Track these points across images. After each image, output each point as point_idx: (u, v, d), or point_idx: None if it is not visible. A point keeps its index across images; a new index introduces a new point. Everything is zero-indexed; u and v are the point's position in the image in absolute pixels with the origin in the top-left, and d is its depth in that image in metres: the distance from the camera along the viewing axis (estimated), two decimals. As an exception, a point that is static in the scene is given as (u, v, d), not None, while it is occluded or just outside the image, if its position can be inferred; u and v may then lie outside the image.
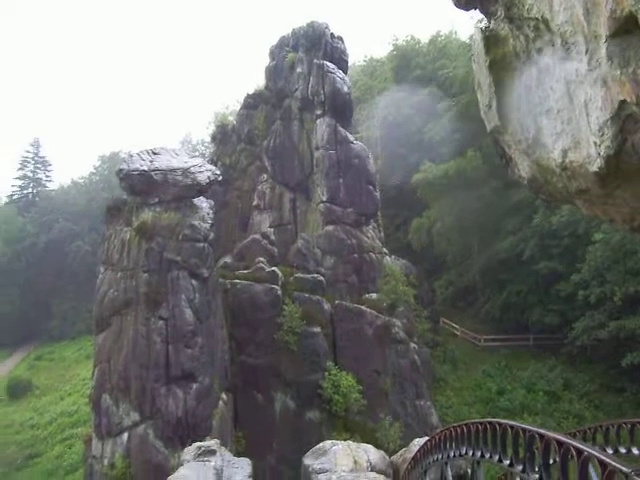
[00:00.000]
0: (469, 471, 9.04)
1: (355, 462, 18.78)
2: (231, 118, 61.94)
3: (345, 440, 24.82)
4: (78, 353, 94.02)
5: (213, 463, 19.35)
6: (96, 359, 36.00)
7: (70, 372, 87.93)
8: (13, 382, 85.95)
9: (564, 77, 5.57)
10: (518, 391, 47.04)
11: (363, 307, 42.81)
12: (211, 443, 21.38)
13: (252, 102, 54.86)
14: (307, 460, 19.49)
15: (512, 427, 6.49)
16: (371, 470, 18.48)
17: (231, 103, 74.50)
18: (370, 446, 21.50)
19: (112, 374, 34.00)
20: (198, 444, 21.10)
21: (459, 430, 8.30)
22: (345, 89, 49.30)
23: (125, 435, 33.01)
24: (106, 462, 33.54)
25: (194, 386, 33.05)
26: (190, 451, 20.86)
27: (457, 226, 55.31)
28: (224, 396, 36.54)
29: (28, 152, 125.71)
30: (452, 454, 8.66)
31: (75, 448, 60.45)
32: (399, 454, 20.72)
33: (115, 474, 32.42)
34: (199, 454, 20.21)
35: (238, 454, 25.40)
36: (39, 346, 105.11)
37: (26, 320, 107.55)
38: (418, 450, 11.36)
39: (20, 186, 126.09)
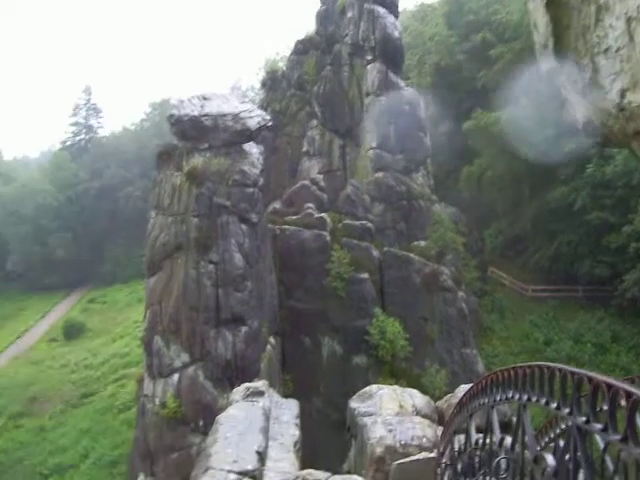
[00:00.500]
0: (513, 419, 9.09)
1: (400, 406, 18.96)
2: (281, 64, 61.51)
3: (387, 385, 25.12)
4: (130, 296, 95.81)
5: (261, 403, 19.66)
6: (148, 302, 36.72)
7: (122, 315, 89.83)
8: (68, 324, 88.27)
9: (625, 14, 5.43)
10: (565, 342, 46.81)
11: (411, 254, 42.73)
12: (259, 384, 21.71)
13: (302, 48, 54.37)
14: (353, 403, 19.74)
15: (560, 370, 6.47)
16: (416, 414, 18.64)
17: (281, 49, 74.17)
18: (416, 391, 21.66)
19: (163, 316, 34.70)
20: (247, 385, 21.44)
21: (506, 374, 8.30)
22: (396, 34, 48.51)
23: (176, 376, 33.80)
24: (157, 401, 34.44)
25: (243, 329, 33.57)
26: (239, 392, 21.20)
27: (508, 175, 54.58)
28: (272, 340, 37.06)
29: (80, 99, 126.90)
30: (498, 398, 8.68)
31: (127, 388, 62.02)
32: (444, 400, 20.85)
33: (166, 413, 33.31)
34: (248, 395, 20.54)
35: (285, 396, 25.79)
36: (92, 289, 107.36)
37: (80, 264, 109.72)
38: (464, 394, 11.39)
39: (73, 132, 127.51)
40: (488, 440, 9.19)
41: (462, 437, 11.19)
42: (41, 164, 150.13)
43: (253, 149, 37.47)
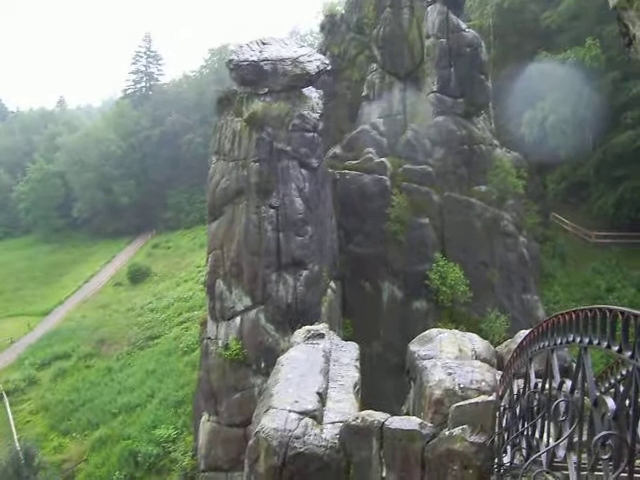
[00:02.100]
0: (574, 364, 9.04)
1: (460, 350, 18.99)
2: (339, 8, 60.61)
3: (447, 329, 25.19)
4: (192, 242, 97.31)
5: (322, 345, 19.91)
6: (209, 246, 37.29)
7: (185, 260, 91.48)
8: (133, 268, 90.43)
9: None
10: (628, 290, 45.98)
11: (472, 199, 42.32)
12: (320, 327, 21.97)
13: (361, -11, 53.47)
14: (413, 346, 19.82)
15: (622, 313, 6.40)
16: (476, 358, 18.66)
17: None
18: (475, 335, 21.64)
19: (225, 261, 35.26)
20: (307, 327, 21.73)
21: (567, 317, 8.23)
22: (458, -26, 47.43)
23: (238, 319, 34.51)
24: (220, 343, 35.28)
25: (304, 273, 33.93)
26: (300, 334, 21.50)
27: (572, 119, 53.14)
28: (332, 284, 37.38)
29: (140, 47, 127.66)
30: (559, 341, 8.62)
31: (191, 331, 63.47)
32: (504, 344, 20.81)
33: (229, 354, 34.15)
34: (308, 337, 20.81)
35: (345, 340, 26.09)
36: (156, 235, 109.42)
37: (143, 210, 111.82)
38: (524, 338, 11.36)
39: (134, 81, 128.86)
40: (547, 384, 9.19)
41: (521, 381, 11.21)
42: (104, 112, 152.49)
43: (313, 93, 37.28)
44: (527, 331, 19.34)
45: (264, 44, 38.14)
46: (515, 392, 11.28)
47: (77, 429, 54.07)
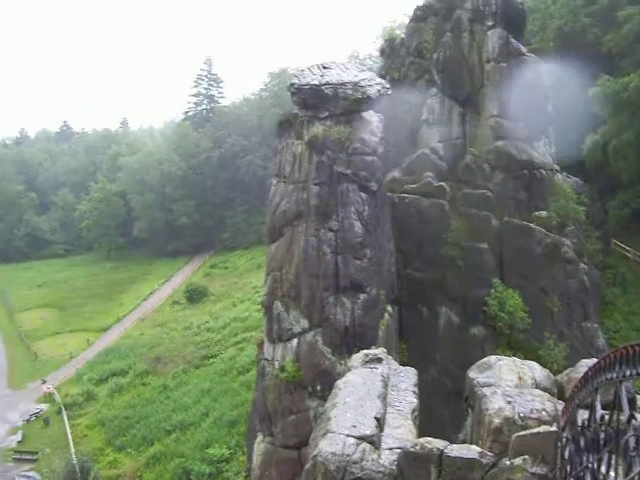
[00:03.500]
0: (638, 396, 8.85)
1: (520, 378, 18.77)
2: (399, 32, 60.76)
3: (506, 357, 24.86)
4: (250, 262, 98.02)
5: (380, 370, 19.85)
6: (268, 267, 37.53)
7: (242, 280, 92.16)
8: (191, 288, 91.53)
9: None
10: (690, 319, 44.90)
11: (532, 224, 41.76)
12: (378, 351, 21.91)
13: (421, 14, 53.37)
14: (472, 373, 19.64)
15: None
16: (535, 387, 18.42)
17: (398, 17, 73.37)
18: (535, 363, 21.35)
19: (283, 282, 35.40)
20: (366, 351, 21.69)
21: (637, 349, 8.10)
22: (518, -1, 47.21)
23: (295, 341, 34.58)
24: (277, 365, 35.37)
25: (362, 297, 33.85)
26: (358, 358, 21.48)
27: (636, 143, 52.22)
28: (390, 308, 37.16)
29: (202, 70, 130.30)
30: (628, 373, 8.47)
31: (246, 351, 63.82)
32: (564, 373, 20.47)
33: (285, 376, 34.17)
34: (366, 361, 20.77)
35: (401, 364, 25.95)
36: (214, 255, 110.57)
37: (201, 231, 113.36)
38: (589, 368, 11.15)
39: (195, 103, 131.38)
40: (615, 416, 9.02)
41: (585, 412, 11.01)
42: (165, 134, 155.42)
43: (373, 117, 37.37)
44: (589, 361, 19.09)
45: (325, 68, 38.42)
46: (579, 423, 11.09)
47: (132, 445, 54.68)
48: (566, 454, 11.75)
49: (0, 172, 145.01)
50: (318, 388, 33.01)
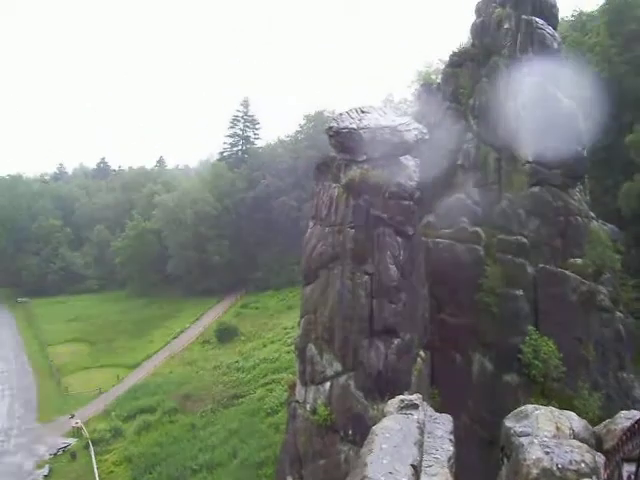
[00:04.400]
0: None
1: (557, 428, 18.48)
2: (434, 77, 61.29)
3: (541, 406, 24.49)
4: (281, 303, 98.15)
5: (416, 417, 19.64)
6: (303, 309, 37.63)
7: (273, 321, 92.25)
8: (222, 327, 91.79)
9: None
10: None
11: (567, 272, 41.42)
12: (414, 397, 21.68)
13: (457, 60, 53.78)
14: (508, 422, 19.37)
15: None
16: (574, 438, 18.14)
17: (433, 61, 74.08)
18: (573, 414, 20.99)
19: (317, 325, 35.46)
20: (401, 397, 21.47)
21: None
22: (555, 45, 47.29)
23: (327, 384, 34.47)
24: (308, 407, 35.27)
25: (395, 341, 33.73)
26: (393, 403, 21.26)
27: (673, 190, 51.94)
28: (422, 353, 36.95)
29: (238, 111, 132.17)
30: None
31: (276, 392, 63.65)
32: (602, 425, 20.13)
33: (317, 419, 34.04)
34: (402, 407, 20.57)
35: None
36: (245, 295, 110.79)
37: (234, 270, 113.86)
38: (636, 421, 11.03)
39: (230, 144, 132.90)
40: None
41: (631, 466, 10.85)
42: (200, 173, 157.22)
43: (410, 162, 37.53)
44: (628, 412, 18.78)
45: (363, 112, 38.75)
46: (625, 477, 10.92)
47: (158, 483, 54.59)
48: (609, 508, 11.55)
49: (38, 206, 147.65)
50: (350, 432, 32.81)
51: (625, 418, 18.03)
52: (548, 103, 45.42)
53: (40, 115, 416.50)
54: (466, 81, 50.53)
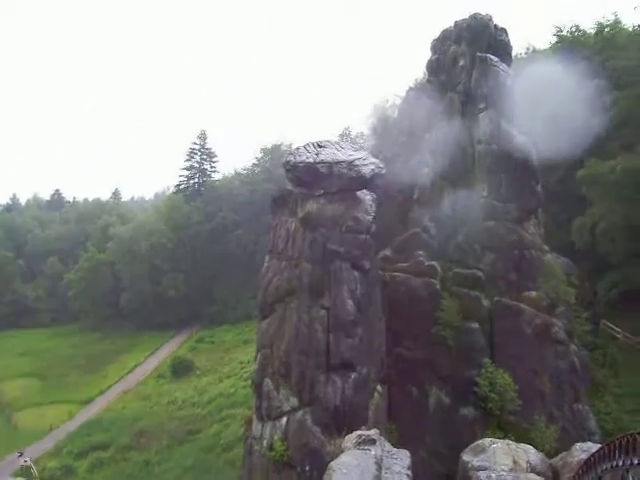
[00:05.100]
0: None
1: (515, 462, 18.59)
2: (390, 111, 61.87)
3: (498, 439, 24.56)
4: (237, 337, 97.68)
5: (373, 452, 19.65)
6: (259, 344, 37.37)
7: (229, 355, 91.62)
8: (177, 361, 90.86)
9: None
10: (684, 401, 44.59)
11: (522, 305, 41.86)
12: (371, 432, 21.74)
13: (413, 95, 54.52)
14: (466, 456, 19.45)
15: None
16: (531, 471, 18.25)
17: (390, 96, 74.68)
18: (530, 447, 21.18)
19: (274, 359, 35.25)
20: (359, 432, 21.50)
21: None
22: (508, 82, 48.29)
23: (284, 419, 34.18)
24: (265, 443, 34.90)
25: (352, 376, 33.57)
26: (351, 439, 21.28)
27: (624, 226, 52.83)
28: (379, 387, 36.88)
29: (195, 144, 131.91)
30: (636, 461, 8.42)
31: (232, 428, 62.97)
32: (559, 457, 20.29)
33: (273, 455, 33.66)
34: (359, 442, 20.58)
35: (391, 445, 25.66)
36: (201, 329, 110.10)
37: (189, 304, 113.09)
38: (592, 455, 11.11)
39: (187, 176, 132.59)
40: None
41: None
42: (156, 205, 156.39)
43: (366, 196, 37.72)
44: (585, 445, 18.93)
45: (320, 146, 38.94)
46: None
47: (111, 525, 53.39)
48: None
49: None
50: (307, 468, 32.46)
51: (581, 450, 18.20)
52: (503, 139, 46.23)
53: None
54: (422, 116, 51.14)
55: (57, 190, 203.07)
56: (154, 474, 60.01)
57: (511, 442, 21.50)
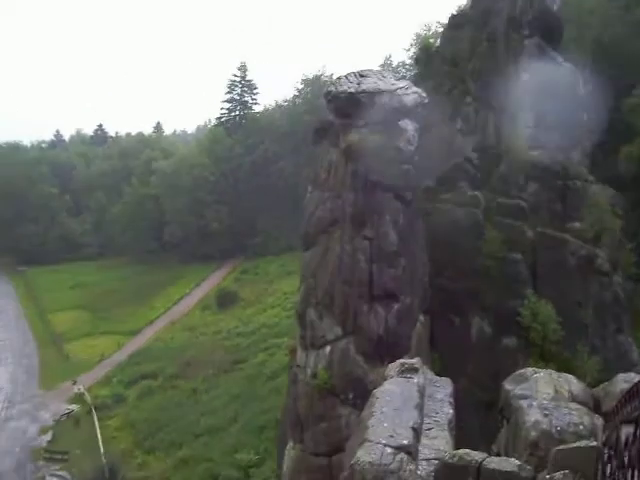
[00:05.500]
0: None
1: (556, 391, 18.56)
2: (432, 40, 60.56)
3: (540, 369, 24.54)
4: (280, 269, 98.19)
5: (416, 380, 19.76)
6: (303, 275, 37.67)
7: (273, 286, 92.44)
8: (221, 293, 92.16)
9: None
10: None
11: (566, 236, 41.39)
12: (414, 361, 21.80)
13: (456, 23, 53.20)
14: (507, 385, 19.47)
15: None
16: (572, 400, 18.24)
17: (432, 25, 73.06)
18: (572, 376, 21.07)
19: (317, 290, 35.44)
20: (402, 361, 21.59)
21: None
22: (554, 8, 46.87)
23: (328, 348, 34.55)
24: (309, 372, 35.38)
25: (395, 305, 33.85)
26: (394, 367, 21.37)
27: (672, 155, 51.62)
28: (422, 317, 37.01)
29: (236, 76, 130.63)
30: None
31: (276, 357, 64.09)
32: (601, 387, 20.21)
33: (317, 383, 34.18)
34: (402, 370, 20.69)
35: (432, 374, 25.82)
36: (245, 261, 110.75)
37: (233, 236, 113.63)
38: (635, 384, 11.05)
39: (228, 109, 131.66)
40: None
41: (630, 428, 10.87)
42: (198, 139, 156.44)
43: (409, 126, 37.18)
44: (626, 375, 18.87)
45: (362, 76, 38.38)
46: (623, 439, 10.95)
47: (161, 448, 55.15)
48: (607, 470, 11.60)
49: (36, 174, 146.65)
50: (350, 396, 33.02)
51: (623, 381, 18.12)
52: (547, 66, 45.06)
53: (35, 80, 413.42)
54: (465, 44, 49.99)
55: (100, 125, 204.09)
56: (201, 402, 61.70)
57: (553, 372, 21.43)
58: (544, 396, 18.06)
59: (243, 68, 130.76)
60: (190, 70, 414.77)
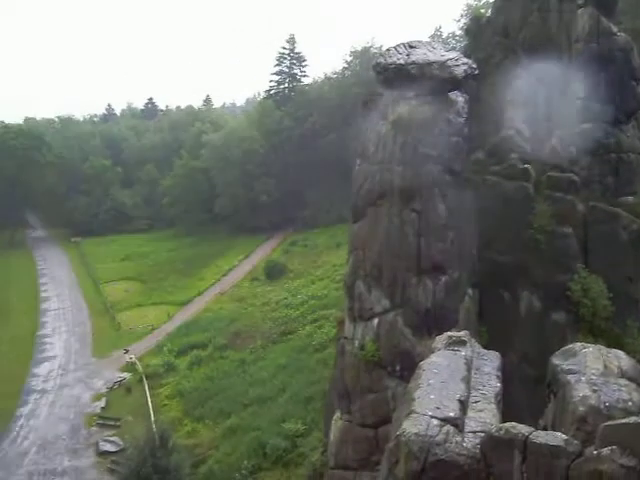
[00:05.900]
0: None
1: (605, 367, 18.40)
2: (483, 10, 59.65)
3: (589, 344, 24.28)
4: (329, 240, 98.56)
5: (463, 353, 19.79)
6: (351, 247, 37.67)
7: (321, 258, 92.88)
8: (270, 265, 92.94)
9: None
10: None
11: (618, 210, 40.66)
12: (462, 334, 21.81)
13: (508, -7, 52.31)
14: (556, 360, 19.34)
15: None
16: (622, 377, 18.07)
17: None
18: (621, 352, 20.84)
19: (366, 262, 35.45)
20: (449, 334, 21.61)
21: None
22: (607, -24, 45.68)
23: (376, 320, 34.66)
24: (357, 343, 35.54)
25: (443, 278, 33.77)
26: (441, 340, 21.42)
27: None
28: (470, 291, 36.85)
29: (284, 49, 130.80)
30: None
31: (324, 329, 64.50)
32: (651, 364, 20.03)
33: (364, 355, 34.37)
34: (450, 343, 20.72)
35: (481, 348, 25.77)
36: (294, 233, 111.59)
37: (282, 208, 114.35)
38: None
39: (277, 81, 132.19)
40: None
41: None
42: (247, 111, 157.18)
43: (459, 98, 36.86)
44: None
45: (411, 47, 38.04)
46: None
47: (210, 416, 56.13)
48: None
49: (89, 147, 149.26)
50: (397, 368, 33.17)
51: (673, 357, 17.91)
52: (602, 37, 44.04)
53: (86, 57, 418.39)
54: (516, 14, 49.03)
55: (150, 99, 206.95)
56: (249, 372, 62.47)
57: (602, 347, 21.22)
58: (593, 371, 17.93)
59: (292, 41, 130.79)
60: (239, 43, 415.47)
